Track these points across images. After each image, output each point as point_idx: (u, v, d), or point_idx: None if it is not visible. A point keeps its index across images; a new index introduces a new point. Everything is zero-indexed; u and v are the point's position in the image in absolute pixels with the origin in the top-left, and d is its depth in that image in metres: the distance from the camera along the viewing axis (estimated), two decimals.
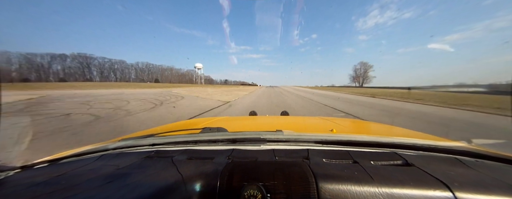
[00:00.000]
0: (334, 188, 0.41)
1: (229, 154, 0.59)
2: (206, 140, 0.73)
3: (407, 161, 0.54)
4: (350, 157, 0.56)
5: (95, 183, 0.47)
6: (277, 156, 0.57)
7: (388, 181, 0.43)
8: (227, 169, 0.49)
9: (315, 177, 0.44)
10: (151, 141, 0.74)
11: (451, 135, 3.84)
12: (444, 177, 0.44)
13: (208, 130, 0.82)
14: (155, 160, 0.59)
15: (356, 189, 0.41)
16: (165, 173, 0.50)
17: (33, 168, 0.61)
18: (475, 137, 3.60)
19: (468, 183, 0.43)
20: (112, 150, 0.71)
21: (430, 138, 0.89)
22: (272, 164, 0.52)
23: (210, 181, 0.46)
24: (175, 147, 0.70)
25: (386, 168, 0.50)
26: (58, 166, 0.63)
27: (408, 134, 1.08)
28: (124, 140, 0.78)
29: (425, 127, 4.49)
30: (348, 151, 0.60)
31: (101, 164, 0.60)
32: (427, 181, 0.44)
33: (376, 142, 0.67)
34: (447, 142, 0.72)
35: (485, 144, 3.07)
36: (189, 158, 0.59)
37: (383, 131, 1.30)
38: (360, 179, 0.43)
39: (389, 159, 0.56)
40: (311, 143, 0.68)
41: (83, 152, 0.71)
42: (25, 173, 0.57)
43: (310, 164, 0.51)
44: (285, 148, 0.64)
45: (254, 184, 0.44)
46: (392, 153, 0.59)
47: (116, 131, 4.07)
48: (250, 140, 0.70)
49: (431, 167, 0.50)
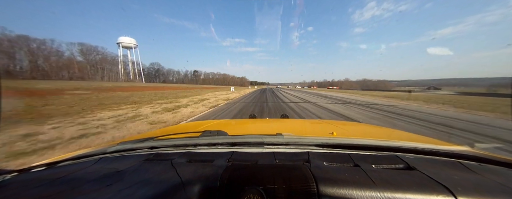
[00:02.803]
0: (335, 192, 0.41)
1: (229, 157, 0.59)
2: (205, 143, 0.73)
3: (409, 164, 0.53)
4: (351, 161, 0.56)
5: (94, 187, 0.46)
6: (278, 159, 0.57)
7: (390, 185, 0.42)
8: (227, 172, 0.48)
9: (315, 180, 0.44)
10: (150, 143, 0.74)
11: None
12: (446, 181, 0.44)
13: (208, 133, 0.82)
14: (154, 163, 0.59)
15: (357, 193, 0.40)
16: (165, 176, 0.50)
17: (31, 171, 0.60)
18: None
19: (471, 188, 0.42)
20: (111, 153, 0.70)
21: (432, 142, 0.89)
22: (273, 168, 0.51)
23: (209, 184, 0.45)
24: (175, 150, 0.69)
25: (387, 172, 0.50)
26: (56, 169, 0.62)
27: (410, 137, 1.08)
28: (123, 143, 0.77)
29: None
30: (349, 154, 0.60)
31: (100, 167, 0.59)
32: (429, 185, 0.43)
33: (377, 145, 0.66)
34: (449, 146, 0.72)
35: (485, 148, 3.01)
36: (189, 161, 0.59)
37: (384, 134, 1.29)
38: (362, 183, 0.43)
39: (390, 162, 0.55)
40: (312, 146, 0.67)
41: (81, 155, 0.70)
42: (22, 177, 0.57)
43: (310, 167, 0.50)
44: (285, 151, 0.64)
45: (254, 187, 0.43)
46: (393, 157, 0.59)
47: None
48: (250, 143, 0.70)
49: (434, 171, 0.49)
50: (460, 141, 3.83)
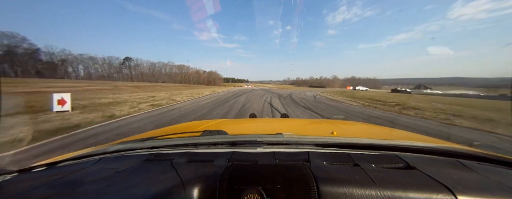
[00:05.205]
0: (335, 191, 0.41)
1: (229, 157, 0.59)
2: (205, 143, 0.73)
3: (409, 164, 0.53)
4: (351, 160, 0.56)
5: (94, 187, 0.46)
6: (278, 159, 0.57)
7: (390, 184, 0.42)
8: (227, 172, 0.48)
9: (315, 180, 0.44)
10: (151, 143, 0.74)
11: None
12: (446, 180, 0.44)
13: (208, 133, 0.82)
14: (154, 163, 0.59)
15: (357, 193, 0.40)
16: (165, 176, 0.50)
17: (31, 171, 0.60)
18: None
19: (471, 187, 0.42)
20: (111, 153, 0.70)
21: (432, 141, 0.89)
22: (273, 167, 0.51)
23: (209, 184, 0.45)
24: (175, 149, 0.69)
25: (387, 171, 0.50)
26: (56, 169, 0.62)
27: (409, 136, 1.08)
28: (123, 143, 0.77)
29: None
30: (349, 154, 0.60)
31: (100, 167, 0.59)
32: (429, 184, 0.43)
33: (377, 145, 0.66)
34: (448, 145, 0.72)
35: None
36: (189, 161, 0.59)
37: (384, 134, 1.29)
38: (362, 182, 0.43)
39: (390, 162, 0.55)
40: (312, 146, 0.67)
41: (81, 155, 0.70)
42: (23, 177, 0.57)
43: (310, 167, 0.50)
44: (285, 150, 0.64)
45: (254, 187, 0.43)
46: (393, 156, 0.59)
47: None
48: (250, 142, 0.70)
49: (433, 170, 0.49)
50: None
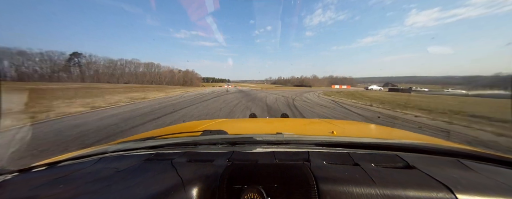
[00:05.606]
0: (335, 191, 0.41)
1: (229, 157, 0.59)
2: (206, 142, 0.73)
3: (409, 163, 0.53)
4: (351, 160, 0.56)
5: (94, 186, 0.46)
6: (278, 159, 0.57)
7: (390, 184, 0.42)
8: (227, 171, 0.49)
9: (315, 179, 0.44)
10: (151, 143, 0.74)
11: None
12: (446, 179, 0.44)
13: (208, 133, 0.82)
14: (154, 163, 0.59)
15: (357, 192, 0.40)
16: (165, 175, 0.50)
17: (31, 171, 0.60)
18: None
19: (471, 186, 0.42)
20: (112, 153, 0.70)
21: (432, 141, 0.89)
22: (273, 167, 0.51)
23: (210, 184, 0.45)
24: (175, 149, 0.69)
25: (387, 171, 0.50)
26: (56, 169, 0.62)
27: (409, 136, 1.08)
28: (124, 143, 0.77)
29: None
30: (349, 154, 0.60)
31: (101, 167, 0.59)
32: (429, 184, 0.43)
33: (377, 144, 0.66)
34: (448, 145, 0.72)
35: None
36: (189, 160, 0.59)
37: (384, 133, 1.29)
38: (362, 182, 0.43)
39: (390, 161, 0.55)
40: (312, 145, 0.67)
41: (82, 154, 0.70)
42: (23, 176, 0.57)
43: (310, 166, 0.50)
44: (285, 150, 0.64)
45: (254, 187, 0.43)
46: (393, 155, 0.59)
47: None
48: (250, 142, 0.70)
49: (433, 169, 0.49)
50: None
